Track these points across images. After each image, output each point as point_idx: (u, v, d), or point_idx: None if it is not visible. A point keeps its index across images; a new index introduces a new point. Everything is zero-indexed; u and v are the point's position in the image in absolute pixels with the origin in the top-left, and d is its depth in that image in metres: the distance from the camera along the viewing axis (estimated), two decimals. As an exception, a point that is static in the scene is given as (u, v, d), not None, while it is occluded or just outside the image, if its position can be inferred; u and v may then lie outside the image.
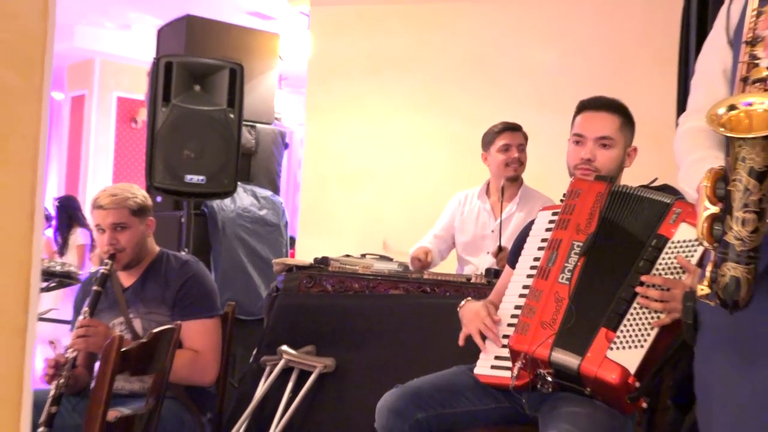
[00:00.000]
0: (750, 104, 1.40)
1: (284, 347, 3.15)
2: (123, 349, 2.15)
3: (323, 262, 3.40)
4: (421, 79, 5.27)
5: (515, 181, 3.79)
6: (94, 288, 2.78)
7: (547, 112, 4.35)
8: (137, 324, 2.86)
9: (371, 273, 3.29)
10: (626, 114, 2.56)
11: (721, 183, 1.42)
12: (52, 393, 2.57)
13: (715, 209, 1.43)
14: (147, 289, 2.92)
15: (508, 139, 3.72)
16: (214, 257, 4.82)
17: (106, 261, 2.85)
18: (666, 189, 2.38)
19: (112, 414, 2.34)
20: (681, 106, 2.97)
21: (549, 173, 2.62)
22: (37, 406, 2.53)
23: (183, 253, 3.09)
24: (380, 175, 5.32)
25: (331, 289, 3.26)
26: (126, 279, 2.96)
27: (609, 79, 4.53)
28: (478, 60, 5.16)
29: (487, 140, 3.83)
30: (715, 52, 1.77)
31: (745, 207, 1.38)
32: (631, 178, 2.59)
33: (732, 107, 1.41)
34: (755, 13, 1.51)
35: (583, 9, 4.93)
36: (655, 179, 2.50)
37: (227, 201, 4.83)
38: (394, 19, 5.35)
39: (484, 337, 2.39)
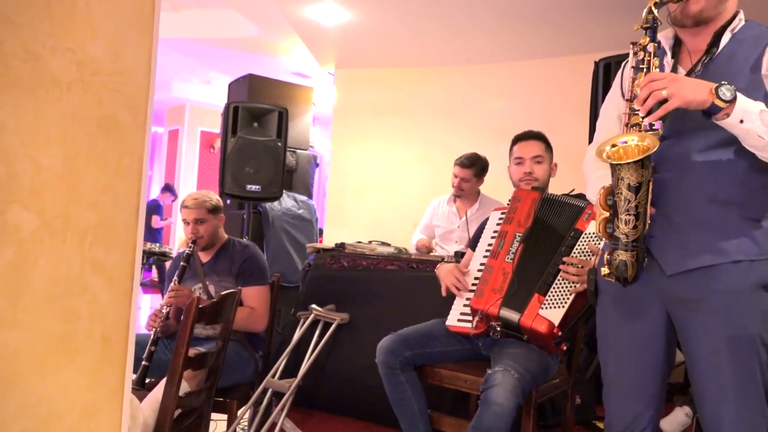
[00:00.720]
0: (625, 142, 1.44)
1: (313, 305, 3.15)
2: (200, 306, 2.15)
3: (341, 246, 3.41)
4: (412, 120, 5.31)
5: None
6: (182, 263, 2.78)
7: (500, 143, 4.35)
8: (212, 289, 2.86)
9: (375, 254, 3.29)
10: (546, 140, 2.59)
11: (610, 196, 1.46)
12: (151, 337, 2.58)
13: (606, 214, 1.47)
14: (219, 264, 2.92)
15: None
16: (266, 242, 4.84)
17: (190, 245, 2.85)
18: (580, 197, 2.39)
19: (192, 351, 2.35)
20: (590, 139, 2.98)
21: (502, 184, 2.65)
22: (141, 346, 2.55)
23: (244, 240, 3.09)
24: (382, 186, 5.36)
25: (347, 265, 3.27)
26: (204, 257, 2.96)
27: (542, 120, 4.53)
28: (452, 106, 5.20)
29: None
30: (613, 101, 1.79)
31: (627, 212, 1.43)
32: (557, 188, 2.61)
33: (613, 145, 1.45)
34: (632, 79, 1.52)
35: (525, 72, 4.94)
36: (573, 190, 2.51)
37: (275, 203, 4.84)
38: (394, 78, 5.39)
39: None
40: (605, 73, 3.46)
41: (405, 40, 4.76)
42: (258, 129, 4.50)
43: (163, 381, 2.02)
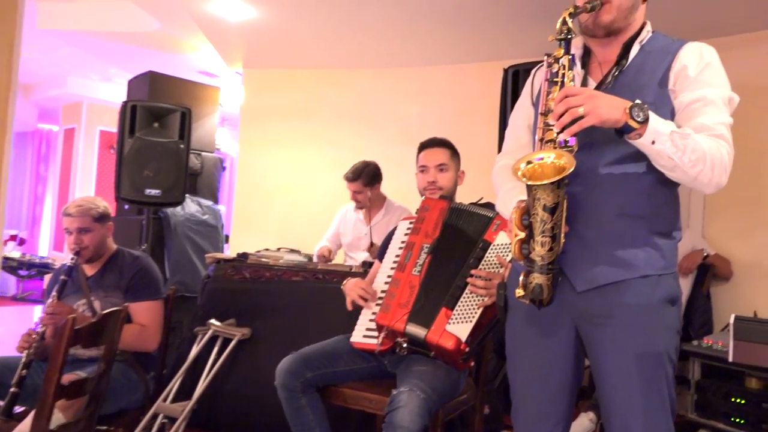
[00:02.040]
0: (541, 159, 1.38)
1: (212, 320, 2.94)
2: (76, 328, 1.92)
3: (243, 256, 3.22)
4: (321, 123, 5.17)
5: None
6: (61, 278, 2.51)
7: (411, 147, 4.27)
8: (97, 305, 2.59)
9: (278, 265, 3.11)
10: (453, 147, 2.53)
11: (525, 216, 1.38)
12: (23, 360, 2.30)
13: (522, 235, 1.39)
14: (106, 277, 2.66)
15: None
16: (168, 250, 4.56)
17: (73, 257, 2.58)
18: (489, 205, 2.34)
19: (69, 377, 2.11)
20: (500, 147, 2.94)
21: (413, 190, 2.57)
22: (11, 370, 2.28)
23: (135, 250, 2.83)
24: (292, 191, 5.19)
25: (249, 276, 3.07)
26: (89, 270, 2.69)
27: (453, 125, 4.51)
28: (363, 109, 5.11)
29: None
30: (522, 110, 1.73)
31: (543, 233, 1.36)
32: (466, 195, 2.54)
33: (529, 162, 1.38)
34: (546, 93, 1.46)
35: (435, 77, 4.91)
36: (482, 198, 2.45)
37: (178, 208, 4.58)
38: (304, 79, 5.23)
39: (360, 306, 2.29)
40: (514, 80, 3.46)
41: (315, 41, 4.60)
42: (159, 130, 4.26)
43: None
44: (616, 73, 1.51)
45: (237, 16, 4.04)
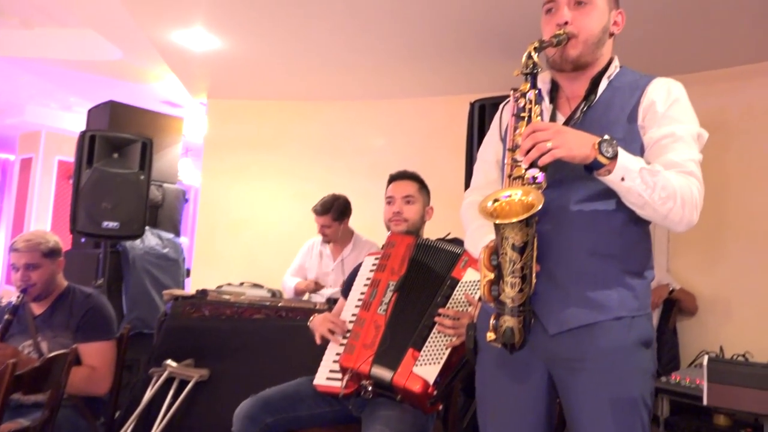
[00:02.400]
0: (509, 196, 1.34)
1: (168, 361, 2.80)
2: (17, 373, 1.79)
3: (203, 293, 3.09)
4: (287, 154, 5.09)
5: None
6: (6, 317, 2.37)
7: (378, 180, 4.23)
8: (44, 346, 2.45)
9: (240, 301, 2.99)
10: (422, 181, 2.50)
11: (494, 255, 1.33)
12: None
13: (491, 276, 1.33)
14: (55, 316, 2.52)
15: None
16: (125, 285, 4.40)
17: (20, 294, 2.44)
18: (456, 241, 2.29)
19: (7, 427, 1.96)
20: (467, 180, 2.90)
21: (380, 224, 2.52)
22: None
23: (87, 288, 2.69)
24: (256, 224, 5.06)
25: (209, 314, 2.94)
26: (37, 308, 2.55)
27: (420, 159, 4.49)
28: (329, 142, 5.05)
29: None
30: (490, 146, 1.70)
31: (512, 273, 1.30)
32: (433, 230, 2.49)
33: (496, 200, 1.34)
34: (513, 128, 1.42)
35: (403, 110, 4.89)
36: (449, 233, 2.41)
37: (137, 242, 4.44)
38: (270, 110, 5.16)
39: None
40: (480, 114, 3.45)
41: (281, 73, 4.55)
42: (118, 160, 4.17)
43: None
44: (585, 108, 1.49)
45: (201, 46, 3.97)
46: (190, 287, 4.88)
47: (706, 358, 1.72)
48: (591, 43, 1.47)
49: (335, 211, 3.58)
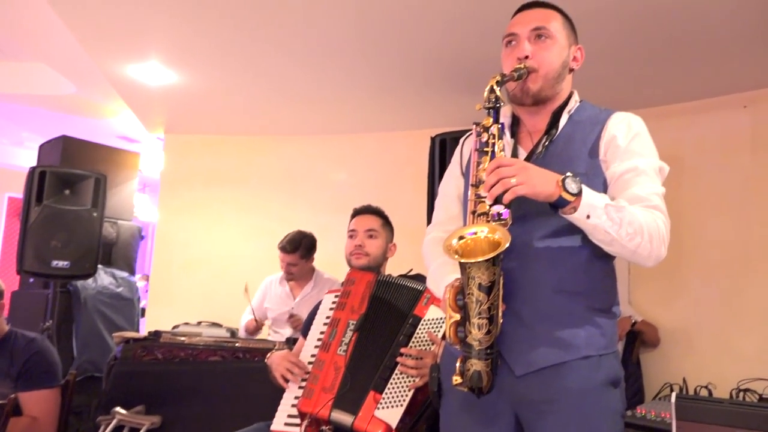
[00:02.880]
0: (474, 233, 1.30)
1: (117, 408, 2.66)
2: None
3: (155, 334, 2.95)
4: (248, 190, 5.01)
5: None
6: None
7: (339, 215, 4.19)
8: (-18, 395, 2.28)
9: (195, 343, 2.87)
10: (385, 217, 2.48)
11: (459, 295, 1.27)
12: None
13: (457, 317, 1.27)
14: (-5, 363, 2.36)
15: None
16: (76, 327, 4.21)
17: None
18: (419, 277, 2.24)
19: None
20: (429, 215, 2.86)
21: (341, 260, 2.46)
22: None
23: (31, 332, 2.54)
24: (214, 261, 4.92)
25: (161, 357, 2.81)
26: (-24, 355, 2.38)
27: (381, 194, 4.42)
28: (290, 177, 4.99)
29: None
30: (451, 180, 1.66)
31: (479, 315, 1.25)
32: (394, 266, 2.45)
33: (461, 237, 1.30)
34: (476, 163, 1.39)
35: (364, 145, 4.87)
36: (411, 269, 2.36)
37: (90, 281, 4.27)
38: (228, 145, 5.08)
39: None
40: (441, 149, 3.45)
41: (240, 107, 4.49)
42: (70, 197, 4.04)
43: None
44: (547, 143, 1.47)
45: (158, 80, 3.89)
46: (146, 327, 4.70)
47: (673, 396, 1.69)
48: (551, 78, 1.47)
49: (303, 248, 3.51)
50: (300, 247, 3.48)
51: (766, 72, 3.38)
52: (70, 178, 4.06)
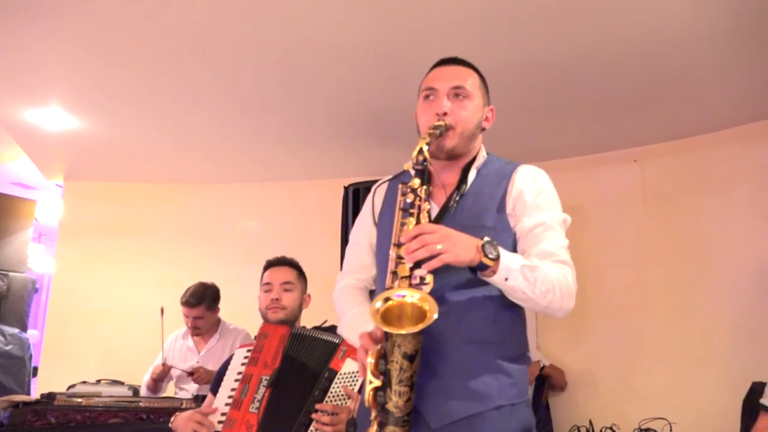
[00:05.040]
0: (402, 296, 1.28)
1: (3, 482, 2.41)
2: None
3: (49, 396, 2.72)
4: (154, 240, 4.83)
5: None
6: None
7: (251, 265, 4.10)
8: None
9: (92, 405, 2.67)
10: (299, 268, 2.45)
11: (382, 360, 1.26)
12: None
13: (378, 382, 1.26)
14: None
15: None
16: (-43, 389, 3.82)
17: None
18: (333, 329, 2.19)
19: None
20: (341, 264, 2.87)
21: (253, 311, 2.40)
22: None
23: None
24: (116, 314, 4.67)
25: (55, 422, 2.58)
26: None
27: (294, 242, 4.43)
28: (198, 225, 4.87)
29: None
30: (363, 229, 1.68)
31: (401, 382, 1.25)
32: (308, 316, 2.41)
33: (387, 299, 1.28)
34: (401, 223, 1.39)
35: (277, 193, 4.84)
36: (326, 321, 2.32)
37: (-26, 339, 3.91)
38: (133, 193, 4.91)
39: None
40: (354, 198, 3.49)
41: (146, 154, 4.35)
42: (-45, 248, 3.71)
43: None
44: (457, 197, 1.51)
45: (56, 126, 3.71)
46: (37, 387, 4.35)
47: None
48: (466, 137, 1.52)
49: (208, 300, 3.38)
50: (205, 299, 3.36)
51: (654, 129, 3.67)
52: (-45, 228, 3.77)
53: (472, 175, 1.54)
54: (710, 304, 3.51)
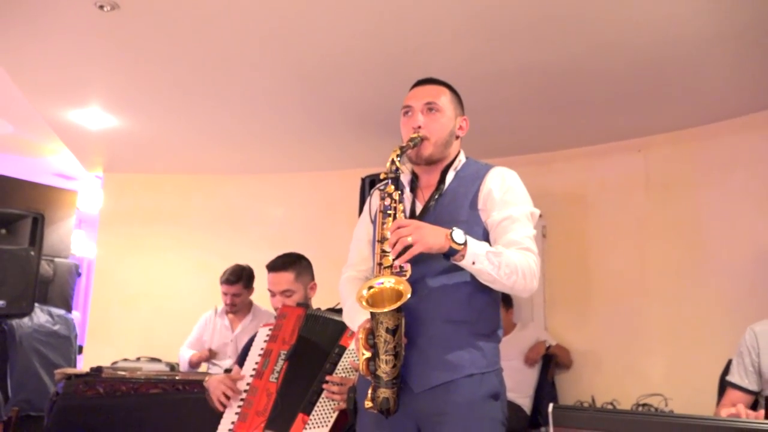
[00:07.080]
0: (381, 283, 1.58)
1: (60, 443, 2.77)
2: None
3: (97, 370, 3.08)
4: (187, 227, 5.17)
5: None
6: None
7: (277, 250, 4.40)
8: None
9: (135, 377, 3.02)
10: (298, 266, 2.60)
11: (370, 336, 1.56)
12: None
13: (368, 354, 1.57)
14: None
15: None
16: (11, 366, 4.19)
17: None
18: (344, 311, 2.45)
19: None
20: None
21: None
22: None
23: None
24: (153, 297, 5.05)
25: (103, 392, 2.94)
26: None
27: (316, 230, 4.74)
28: (228, 214, 5.18)
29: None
30: (363, 225, 1.96)
31: (386, 352, 1.56)
32: (328, 297, 2.56)
33: (370, 287, 1.58)
34: (381, 223, 1.67)
35: (299, 183, 5.13)
36: (338, 303, 2.56)
37: (25, 319, 4.29)
38: (167, 184, 5.26)
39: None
40: (371, 188, 3.71)
41: (179, 148, 4.68)
42: (6, 237, 4.10)
43: None
44: (437, 196, 1.77)
45: (97, 124, 4.05)
46: (83, 365, 4.75)
47: (551, 406, 1.97)
48: (440, 144, 1.78)
49: (245, 279, 3.73)
50: (242, 278, 3.70)
51: (657, 120, 3.83)
52: (6, 218, 4.11)
53: (450, 177, 1.79)
54: (708, 288, 3.68)
